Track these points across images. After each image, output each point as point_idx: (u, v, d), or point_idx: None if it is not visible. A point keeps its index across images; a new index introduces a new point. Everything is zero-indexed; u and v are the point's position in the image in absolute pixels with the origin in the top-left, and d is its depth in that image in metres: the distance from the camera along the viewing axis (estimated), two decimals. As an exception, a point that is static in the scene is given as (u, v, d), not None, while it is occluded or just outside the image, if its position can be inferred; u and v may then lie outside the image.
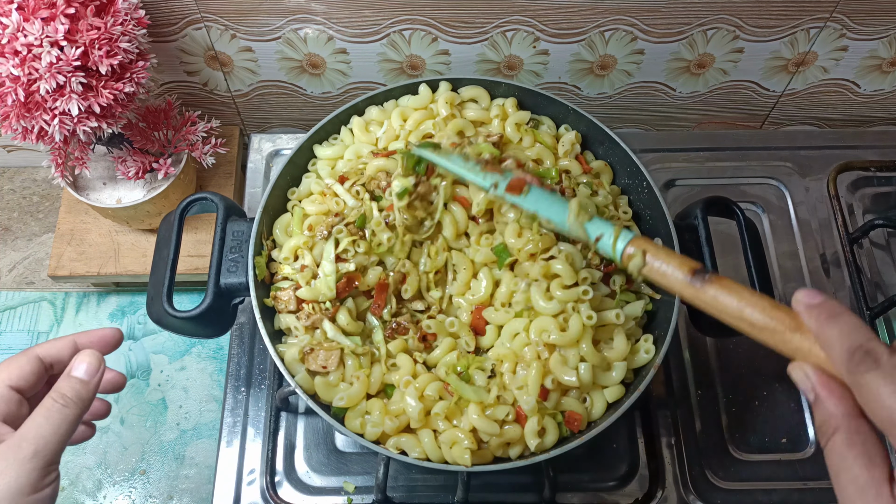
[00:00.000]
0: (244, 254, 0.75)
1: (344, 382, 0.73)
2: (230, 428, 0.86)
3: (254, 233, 0.75)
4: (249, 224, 0.77)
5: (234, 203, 0.80)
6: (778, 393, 0.90)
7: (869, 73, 1.06)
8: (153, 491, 0.96)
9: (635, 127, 1.16)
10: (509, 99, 0.84)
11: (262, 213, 0.77)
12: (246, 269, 0.75)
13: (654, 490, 0.84)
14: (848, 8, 0.94)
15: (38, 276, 1.13)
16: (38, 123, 0.81)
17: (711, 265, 0.76)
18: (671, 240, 0.76)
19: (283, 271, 0.76)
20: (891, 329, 0.94)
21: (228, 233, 0.77)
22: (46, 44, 0.76)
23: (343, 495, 0.83)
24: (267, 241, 0.78)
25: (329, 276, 0.72)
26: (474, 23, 0.94)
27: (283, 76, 1.04)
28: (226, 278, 0.75)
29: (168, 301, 0.73)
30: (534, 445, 0.68)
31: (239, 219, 0.78)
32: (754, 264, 0.77)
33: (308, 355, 0.72)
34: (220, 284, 0.74)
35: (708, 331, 0.79)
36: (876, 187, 1.04)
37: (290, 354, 0.73)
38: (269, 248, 0.78)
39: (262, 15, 0.93)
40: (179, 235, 0.76)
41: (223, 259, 0.76)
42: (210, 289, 0.74)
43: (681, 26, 0.96)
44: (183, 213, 0.77)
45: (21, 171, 1.20)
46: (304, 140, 0.82)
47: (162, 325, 0.74)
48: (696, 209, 0.79)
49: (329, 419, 0.69)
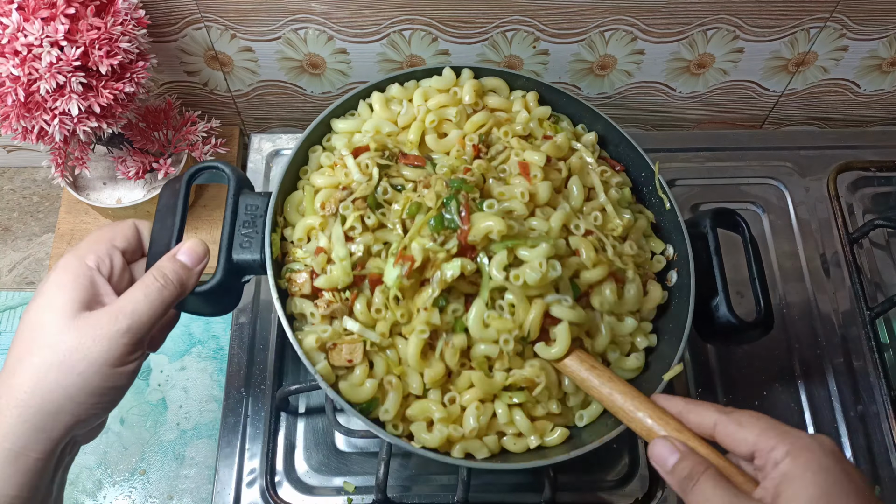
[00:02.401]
0: (258, 229, 0.70)
1: (371, 379, 0.70)
2: (230, 428, 0.86)
3: (271, 206, 0.71)
4: (265, 199, 0.72)
5: (246, 177, 0.74)
6: (778, 393, 0.90)
7: (869, 73, 1.06)
8: (153, 491, 0.96)
9: (635, 127, 1.16)
10: (531, 92, 0.84)
11: (280, 188, 0.73)
12: (261, 245, 0.70)
13: (654, 490, 0.84)
14: (848, 8, 0.94)
15: (38, 276, 1.13)
16: (38, 123, 0.81)
17: (719, 274, 0.77)
18: (685, 246, 0.77)
19: (297, 255, 0.72)
20: (891, 329, 0.94)
21: (241, 206, 0.71)
22: (46, 44, 0.76)
23: (343, 495, 0.83)
24: (281, 217, 0.74)
25: (344, 261, 0.69)
26: (474, 23, 0.94)
27: (283, 76, 1.04)
28: (238, 254, 0.69)
29: None
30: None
31: (252, 193, 0.73)
32: (758, 277, 0.77)
33: (331, 351, 0.69)
34: (232, 260, 0.69)
35: (711, 339, 0.79)
36: (876, 187, 1.04)
37: (308, 342, 0.69)
38: (282, 226, 0.74)
39: (262, 15, 0.93)
40: (186, 204, 0.69)
41: (235, 234, 0.70)
42: (221, 264, 0.68)
43: (681, 26, 0.96)
44: (190, 180, 0.71)
45: (21, 171, 1.20)
46: (325, 115, 0.79)
47: None
48: (705, 219, 0.79)
49: (370, 424, 0.68)
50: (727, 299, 0.75)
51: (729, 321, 0.74)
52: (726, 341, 0.82)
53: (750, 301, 0.77)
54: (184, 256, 0.57)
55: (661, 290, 0.77)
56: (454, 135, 0.78)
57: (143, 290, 0.55)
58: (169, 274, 0.56)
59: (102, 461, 0.98)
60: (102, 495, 0.96)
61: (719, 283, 0.76)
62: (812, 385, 0.90)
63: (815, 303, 0.95)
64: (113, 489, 0.97)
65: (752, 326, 0.75)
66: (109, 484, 0.97)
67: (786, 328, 0.94)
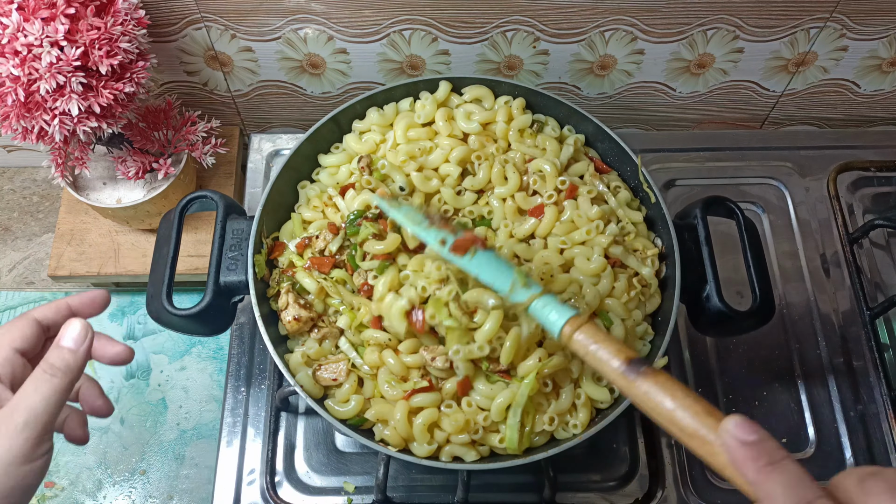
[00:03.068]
0: (244, 252, 0.75)
1: (356, 395, 0.72)
2: (230, 428, 0.86)
3: (253, 231, 0.75)
4: (249, 222, 0.77)
5: (234, 201, 0.80)
6: (778, 393, 0.90)
7: (869, 73, 1.06)
8: (153, 491, 0.96)
9: (635, 127, 1.16)
10: (518, 99, 0.84)
11: (262, 211, 0.77)
12: (245, 267, 0.75)
13: (654, 490, 0.84)
14: (848, 8, 0.94)
15: (38, 276, 1.13)
16: (38, 123, 0.81)
17: (709, 263, 0.76)
18: (671, 241, 0.76)
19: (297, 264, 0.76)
20: (891, 329, 0.94)
21: (228, 231, 0.77)
22: (46, 44, 0.76)
23: (343, 495, 0.83)
24: (266, 239, 0.78)
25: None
26: (474, 23, 0.94)
27: (283, 76, 1.04)
28: (225, 276, 0.75)
29: (168, 299, 0.73)
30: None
31: (239, 217, 0.78)
32: (754, 264, 0.77)
33: (316, 373, 0.72)
34: (219, 282, 0.75)
35: (707, 330, 0.79)
36: (876, 187, 1.04)
37: (294, 359, 0.73)
38: (269, 248, 0.78)
39: (262, 15, 0.93)
40: (179, 233, 0.76)
41: (223, 257, 0.76)
42: (210, 287, 0.74)
43: (681, 26, 0.96)
44: (183, 211, 0.77)
45: (21, 171, 1.20)
46: (303, 140, 0.82)
47: (161, 323, 0.74)
48: (695, 209, 0.79)
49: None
50: (718, 289, 0.74)
51: (720, 311, 0.74)
52: (722, 332, 0.81)
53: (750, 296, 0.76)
54: (67, 342, 0.57)
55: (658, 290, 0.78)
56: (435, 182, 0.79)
57: (34, 383, 0.55)
58: (56, 362, 0.56)
59: (102, 461, 0.98)
60: (102, 495, 0.96)
61: (709, 273, 0.75)
62: (812, 385, 0.90)
63: (815, 303, 0.95)
64: (113, 489, 0.97)
65: (746, 316, 0.74)
66: (109, 484, 0.97)
67: (786, 328, 0.94)
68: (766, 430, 0.46)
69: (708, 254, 0.76)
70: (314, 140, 0.83)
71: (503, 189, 0.78)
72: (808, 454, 0.86)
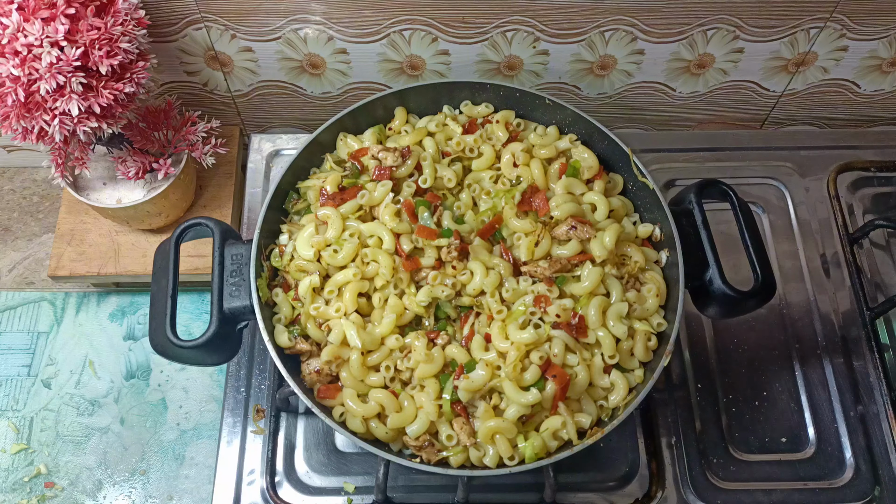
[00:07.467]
0: (245, 277, 0.74)
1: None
2: (230, 428, 0.86)
3: (253, 255, 0.74)
4: (247, 246, 0.75)
5: (230, 227, 0.78)
6: (778, 393, 0.90)
7: (869, 73, 1.06)
8: (153, 491, 0.96)
9: (635, 127, 1.16)
10: (502, 112, 0.85)
11: (259, 234, 0.76)
12: (249, 291, 0.73)
13: (654, 490, 0.84)
14: (848, 8, 0.94)
15: (38, 276, 1.13)
16: (38, 123, 0.81)
17: (709, 246, 0.77)
18: (670, 228, 0.77)
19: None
20: (891, 329, 0.94)
21: (227, 257, 0.75)
22: (46, 44, 0.76)
23: (343, 495, 0.83)
24: (266, 262, 0.77)
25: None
26: (474, 23, 0.94)
27: (283, 76, 1.04)
28: (229, 303, 0.73)
29: (172, 331, 0.71)
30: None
31: (236, 242, 0.77)
32: (752, 243, 0.77)
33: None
34: (223, 310, 0.73)
35: (711, 312, 0.79)
36: (876, 187, 1.04)
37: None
38: (269, 271, 0.77)
39: (262, 15, 0.93)
40: (177, 264, 0.74)
41: (224, 284, 0.74)
42: (214, 315, 0.72)
43: (681, 26, 0.96)
44: (178, 240, 0.75)
45: (21, 171, 1.20)
46: (295, 157, 0.82)
47: (167, 357, 0.73)
48: (689, 194, 0.79)
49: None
50: (720, 270, 0.75)
51: (724, 293, 0.74)
52: (726, 313, 0.82)
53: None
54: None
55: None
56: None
57: None
58: None
59: (102, 461, 0.98)
60: (102, 495, 0.96)
61: (710, 256, 0.76)
62: (812, 385, 0.90)
63: (815, 303, 0.95)
64: (113, 489, 0.97)
65: (749, 295, 0.74)
66: (109, 484, 0.97)
67: (786, 328, 0.94)
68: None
69: (707, 237, 0.77)
70: (303, 158, 0.83)
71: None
72: (808, 454, 0.86)
